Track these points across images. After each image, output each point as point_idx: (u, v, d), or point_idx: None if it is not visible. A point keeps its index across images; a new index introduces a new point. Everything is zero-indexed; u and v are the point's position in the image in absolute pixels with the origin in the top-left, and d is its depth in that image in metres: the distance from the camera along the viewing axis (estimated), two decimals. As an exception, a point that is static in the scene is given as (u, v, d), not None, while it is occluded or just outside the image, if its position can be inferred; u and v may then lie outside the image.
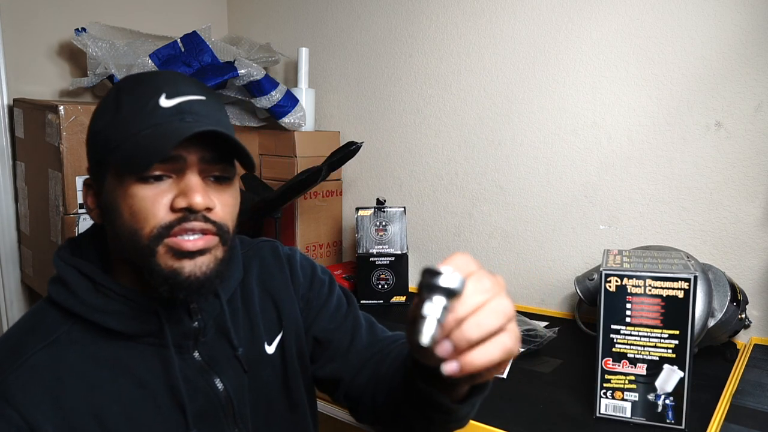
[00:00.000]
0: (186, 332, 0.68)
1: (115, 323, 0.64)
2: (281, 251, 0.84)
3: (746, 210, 1.18)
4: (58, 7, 1.60)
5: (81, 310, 0.63)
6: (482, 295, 0.45)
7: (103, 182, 0.64)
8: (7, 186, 1.53)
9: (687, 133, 1.22)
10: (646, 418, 0.85)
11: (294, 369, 0.79)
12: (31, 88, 1.56)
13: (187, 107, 0.63)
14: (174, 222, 0.61)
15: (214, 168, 0.64)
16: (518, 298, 1.48)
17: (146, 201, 0.61)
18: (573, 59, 1.34)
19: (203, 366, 0.69)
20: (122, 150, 0.61)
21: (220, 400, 0.69)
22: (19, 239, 1.56)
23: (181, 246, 0.61)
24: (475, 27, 1.48)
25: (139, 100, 0.62)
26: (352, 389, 0.79)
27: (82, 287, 0.64)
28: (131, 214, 0.61)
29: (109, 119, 0.63)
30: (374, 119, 1.71)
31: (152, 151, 0.59)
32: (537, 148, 1.42)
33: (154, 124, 0.61)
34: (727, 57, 1.16)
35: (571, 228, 1.39)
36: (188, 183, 0.61)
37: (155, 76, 0.66)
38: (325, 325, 0.82)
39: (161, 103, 0.62)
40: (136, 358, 0.65)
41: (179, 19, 1.86)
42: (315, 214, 1.70)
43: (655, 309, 0.82)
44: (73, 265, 0.66)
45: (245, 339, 0.74)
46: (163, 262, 0.61)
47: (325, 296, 0.84)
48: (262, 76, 1.53)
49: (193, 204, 0.60)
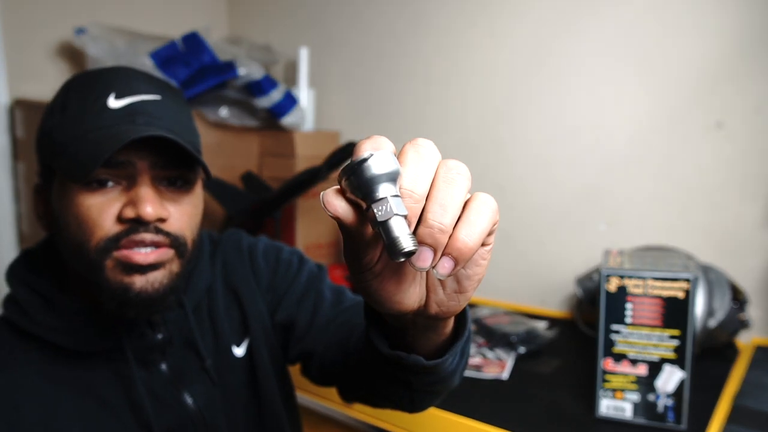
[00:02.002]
0: (150, 346, 0.64)
1: (70, 342, 0.60)
2: (242, 243, 0.77)
3: (746, 210, 1.17)
4: (58, 7, 1.60)
5: (34, 329, 0.59)
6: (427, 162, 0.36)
7: (50, 187, 0.60)
8: (7, 186, 1.53)
9: (687, 133, 1.22)
10: (646, 419, 0.85)
11: (266, 370, 0.73)
12: (31, 88, 1.56)
13: (140, 107, 0.58)
14: (122, 233, 0.56)
15: (166, 173, 0.59)
16: (518, 298, 1.48)
17: (92, 210, 0.56)
18: (573, 59, 1.34)
19: (171, 379, 0.65)
20: (66, 154, 0.56)
21: (189, 415, 0.65)
22: (19, 239, 1.56)
23: (131, 259, 0.56)
24: (475, 27, 1.48)
25: (86, 100, 0.58)
26: (326, 367, 0.71)
27: (34, 305, 0.60)
28: (77, 225, 0.57)
29: (56, 120, 0.59)
30: (374, 119, 1.71)
31: (95, 156, 0.53)
32: (537, 148, 1.42)
33: (101, 126, 0.56)
34: (727, 57, 1.16)
35: (571, 228, 1.39)
36: (138, 191, 0.57)
37: (107, 73, 0.61)
38: (288, 307, 0.75)
39: (109, 104, 0.57)
40: (98, 377, 0.61)
41: (179, 19, 1.86)
42: (315, 214, 1.70)
43: (655, 309, 0.82)
44: (24, 282, 0.61)
45: (211, 346, 0.70)
46: (112, 276, 0.57)
47: (292, 278, 0.77)
48: (262, 76, 1.53)
49: (143, 214, 0.56)
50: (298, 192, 1.43)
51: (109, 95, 0.57)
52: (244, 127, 1.73)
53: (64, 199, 0.58)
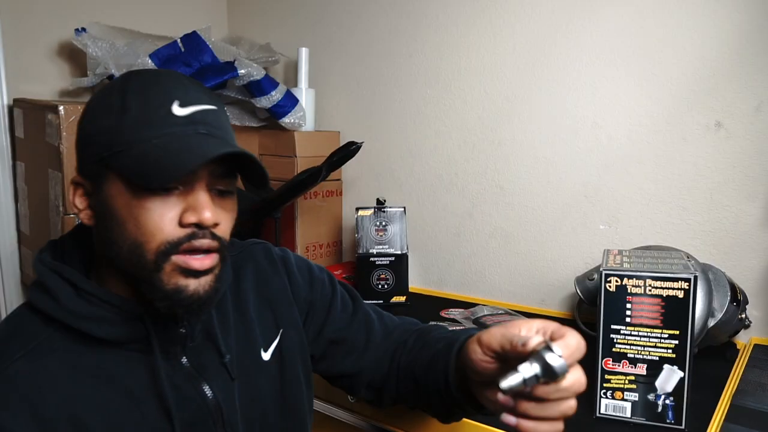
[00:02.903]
0: (173, 338, 0.65)
1: (98, 330, 0.61)
2: (274, 254, 0.82)
3: (746, 210, 1.18)
4: (58, 8, 1.60)
5: (62, 316, 0.61)
6: (573, 388, 0.53)
7: (101, 184, 0.61)
8: (7, 186, 1.53)
9: (687, 133, 1.22)
10: (646, 418, 0.85)
11: (293, 374, 0.77)
12: (31, 88, 1.56)
13: (200, 117, 0.61)
14: (183, 239, 0.59)
15: (221, 182, 0.63)
16: (518, 298, 1.48)
17: (153, 213, 0.58)
18: (573, 59, 1.34)
19: (192, 372, 0.67)
20: (130, 156, 0.58)
21: (209, 408, 0.67)
22: (19, 239, 1.56)
23: (190, 265, 0.59)
24: (475, 27, 1.48)
25: (150, 105, 0.60)
26: (375, 381, 0.82)
27: (63, 293, 0.61)
28: (136, 226, 0.59)
29: (115, 120, 0.60)
30: (374, 119, 1.71)
31: (172, 167, 0.56)
32: (537, 148, 1.42)
33: (166, 133, 0.59)
34: (727, 57, 1.16)
35: (571, 228, 1.39)
36: (198, 197, 0.60)
37: (166, 78, 0.63)
38: (337, 325, 0.82)
39: (174, 111, 0.60)
40: (121, 366, 0.62)
41: (179, 19, 1.86)
42: (315, 214, 1.70)
43: (655, 309, 0.82)
44: (54, 270, 0.63)
45: (239, 345, 0.72)
46: (167, 279, 0.59)
47: (329, 296, 0.84)
48: (262, 76, 1.53)
49: (203, 220, 0.59)
50: (298, 192, 1.43)
51: (173, 102, 0.60)
52: (245, 127, 1.73)
53: (120, 198, 0.59)
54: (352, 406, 1.04)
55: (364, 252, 1.48)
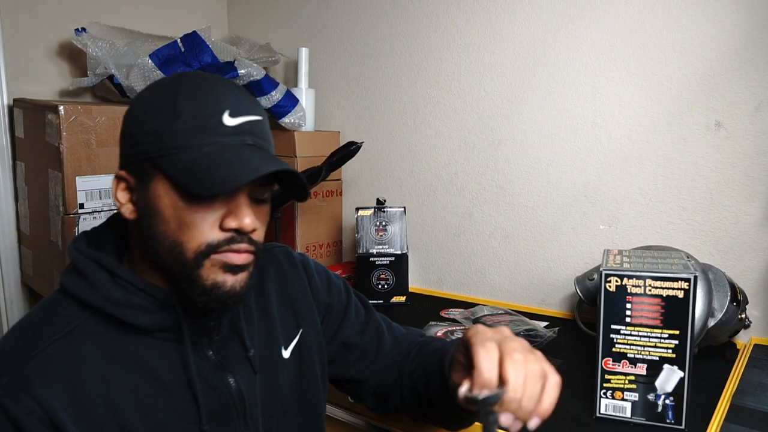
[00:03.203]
0: (201, 329, 0.68)
1: (133, 317, 0.64)
2: (295, 257, 0.86)
3: (746, 210, 1.18)
4: (58, 8, 1.60)
5: (99, 302, 0.63)
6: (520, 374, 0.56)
7: (147, 182, 0.63)
8: (7, 186, 1.53)
9: (687, 133, 1.22)
10: (646, 418, 0.85)
11: (312, 373, 0.80)
12: (31, 88, 1.56)
13: (248, 128, 0.63)
14: (222, 242, 0.62)
15: (259, 191, 0.66)
16: (518, 298, 1.48)
17: (197, 216, 0.61)
18: (573, 59, 1.34)
19: (216, 364, 0.70)
20: (181, 161, 0.61)
21: (233, 399, 0.69)
22: (19, 239, 1.56)
23: (230, 260, 0.63)
24: (475, 27, 1.48)
25: (202, 112, 0.62)
26: (381, 389, 0.85)
27: (101, 280, 0.64)
28: (179, 226, 0.62)
29: (166, 123, 0.62)
30: (374, 119, 1.71)
31: (224, 178, 0.59)
32: (537, 148, 1.42)
33: (216, 141, 0.62)
34: (727, 57, 1.16)
35: (571, 228, 1.39)
36: (239, 204, 0.63)
37: (216, 86, 0.65)
38: (350, 330, 0.86)
39: (225, 121, 0.62)
40: (151, 353, 0.65)
41: (179, 19, 1.86)
42: (315, 214, 1.70)
43: (655, 309, 0.82)
44: (92, 258, 0.65)
45: (261, 342, 0.75)
46: (206, 275, 0.62)
47: (345, 303, 0.88)
48: (262, 76, 1.53)
49: (243, 226, 0.62)
50: (298, 192, 1.43)
51: (225, 112, 0.62)
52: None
53: (166, 198, 0.62)
54: (352, 406, 1.04)
55: (364, 252, 1.48)
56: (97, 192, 1.31)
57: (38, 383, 0.58)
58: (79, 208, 1.29)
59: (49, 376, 0.59)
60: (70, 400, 0.59)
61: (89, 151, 1.28)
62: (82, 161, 1.27)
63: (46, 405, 0.57)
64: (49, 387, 0.58)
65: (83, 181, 1.28)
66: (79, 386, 0.60)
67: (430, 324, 1.28)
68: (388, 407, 0.85)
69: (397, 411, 0.86)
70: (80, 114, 1.26)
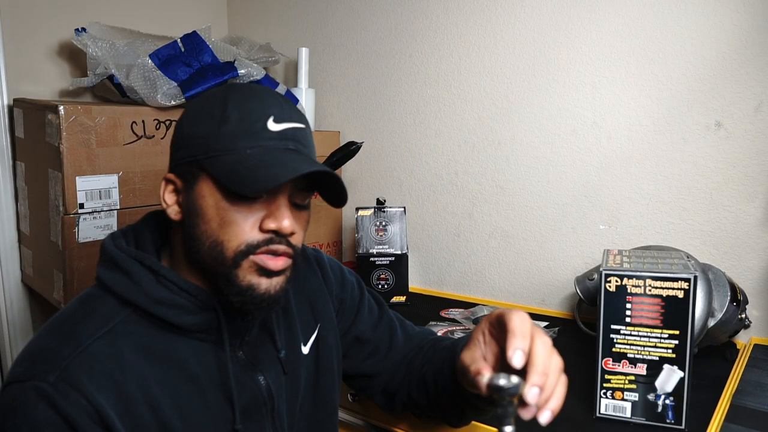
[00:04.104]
0: (236, 330, 0.70)
1: (175, 317, 0.65)
2: (309, 252, 0.87)
3: (746, 210, 1.18)
4: (58, 8, 1.60)
5: (142, 300, 0.64)
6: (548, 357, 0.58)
7: (193, 184, 0.65)
8: (7, 186, 1.53)
9: (687, 133, 1.22)
10: (646, 418, 0.85)
11: (328, 367, 0.82)
12: (31, 88, 1.56)
13: (291, 134, 0.66)
14: (261, 242, 0.64)
15: (299, 195, 0.68)
16: (518, 298, 1.48)
17: (238, 215, 0.63)
18: (573, 59, 1.34)
19: (247, 363, 0.71)
20: (226, 162, 0.63)
21: (263, 398, 0.71)
22: (19, 239, 1.56)
23: (266, 264, 0.64)
24: (475, 27, 1.48)
25: (248, 118, 0.64)
26: (391, 385, 0.86)
27: (145, 278, 0.65)
28: (221, 225, 0.64)
29: (214, 128, 0.65)
30: (374, 119, 1.71)
31: (265, 177, 0.61)
32: (537, 148, 1.42)
33: (260, 145, 0.64)
34: (727, 57, 1.16)
35: (571, 228, 1.39)
36: (279, 207, 0.65)
37: (262, 95, 0.68)
38: (363, 326, 0.88)
39: (269, 126, 0.65)
40: (188, 353, 0.66)
41: (179, 19, 1.86)
42: (315, 214, 1.71)
43: (655, 309, 0.82)
44: (134, 257, 0.66)
45: (284, 340, 0.77)
46: (243, 275, 0.64)
47: (358, 298, 0.89)
48: (262, 76, 1.53)
49: (282, 228, 0.64)
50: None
51: (269, 118, 0.65)
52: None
53: (210, 198, 0.64)
54: (352, 406, 1.04)
55: (364, 252, 1.48)
56: (97, 192, 1.31)
57: (86, 380, 0.58)
58: (79, 208, 1.29)
59: (95, 373, 0.59)
60: (116, 398, 0.59)
61: (89, 151, 1.28)
62: (82, 161, 1.27)
63: (95, 402, 0.58)
64: (95, 384, 0.59)
65: (83, 181, 1.28)
66: (122, 384, 0.61)
67: (430, 324, 1.28)
68: (395, 404, 0.87)
69: (403, 408, 0.87)
70: (80, 114, 1.26)
